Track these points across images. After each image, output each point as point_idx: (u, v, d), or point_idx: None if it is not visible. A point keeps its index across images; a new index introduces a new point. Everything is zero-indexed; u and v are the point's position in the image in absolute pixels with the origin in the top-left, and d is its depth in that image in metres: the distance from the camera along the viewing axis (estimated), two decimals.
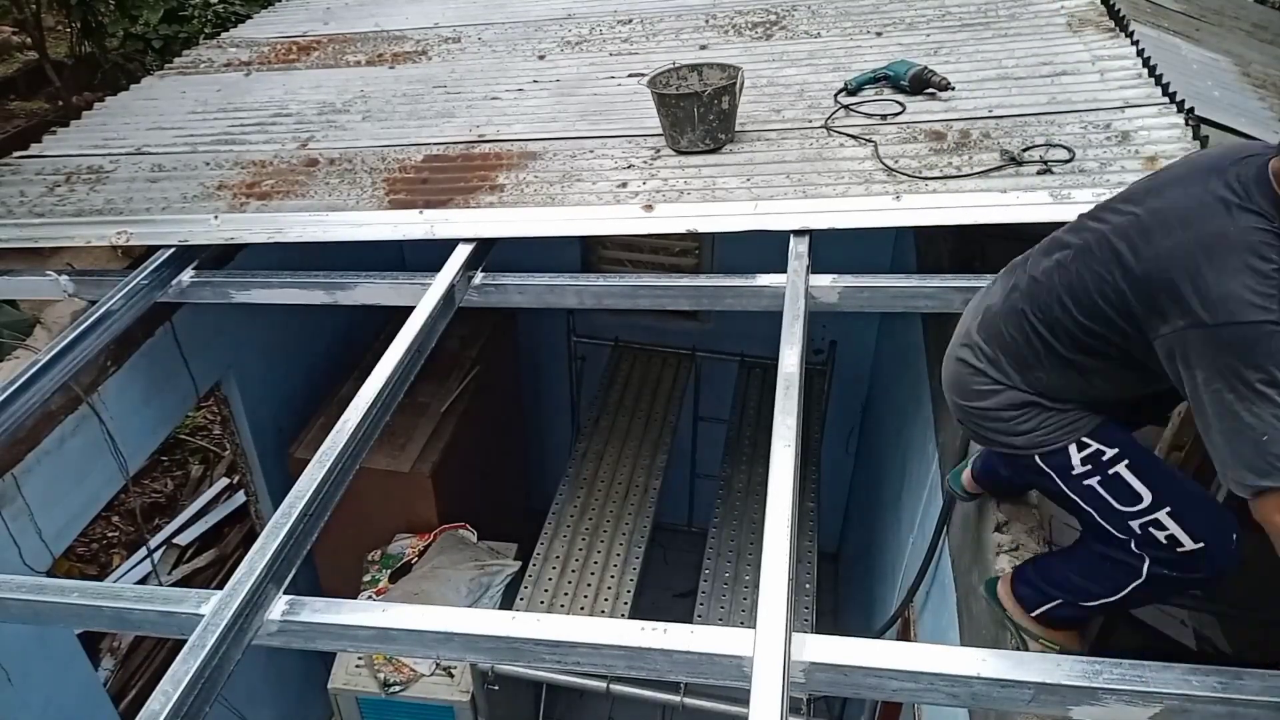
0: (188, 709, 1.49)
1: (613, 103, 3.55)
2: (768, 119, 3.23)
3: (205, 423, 6.84)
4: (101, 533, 5.94)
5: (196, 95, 4.12)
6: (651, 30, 4.22)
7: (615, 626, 1.59)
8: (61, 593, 1.78)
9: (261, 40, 4.76)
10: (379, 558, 4.49)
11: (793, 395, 1.94)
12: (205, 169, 3.42)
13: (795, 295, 2.32)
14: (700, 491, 6.48)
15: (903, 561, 3.77)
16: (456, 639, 1.64)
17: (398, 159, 3.33)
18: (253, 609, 1.66)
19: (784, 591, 1.54)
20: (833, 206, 2.68)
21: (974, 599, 2.32)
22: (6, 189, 3.43)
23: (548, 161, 3.18)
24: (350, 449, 1.98)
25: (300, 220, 3.01)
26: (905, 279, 2.58)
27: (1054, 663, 1.47)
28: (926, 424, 3.41)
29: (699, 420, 6.27)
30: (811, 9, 4.15)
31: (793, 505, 1.68)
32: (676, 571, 6.05)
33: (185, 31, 8.05)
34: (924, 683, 1.48)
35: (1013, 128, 2.91)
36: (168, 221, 3.10)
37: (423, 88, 3.93)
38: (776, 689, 1.40)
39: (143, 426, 3.51)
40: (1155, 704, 1.41)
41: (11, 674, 2.95)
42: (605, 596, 4.23)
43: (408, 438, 4.53)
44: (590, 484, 4.91)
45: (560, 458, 5.79)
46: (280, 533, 1.75)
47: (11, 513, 2.91)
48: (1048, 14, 3.67)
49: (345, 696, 4.06)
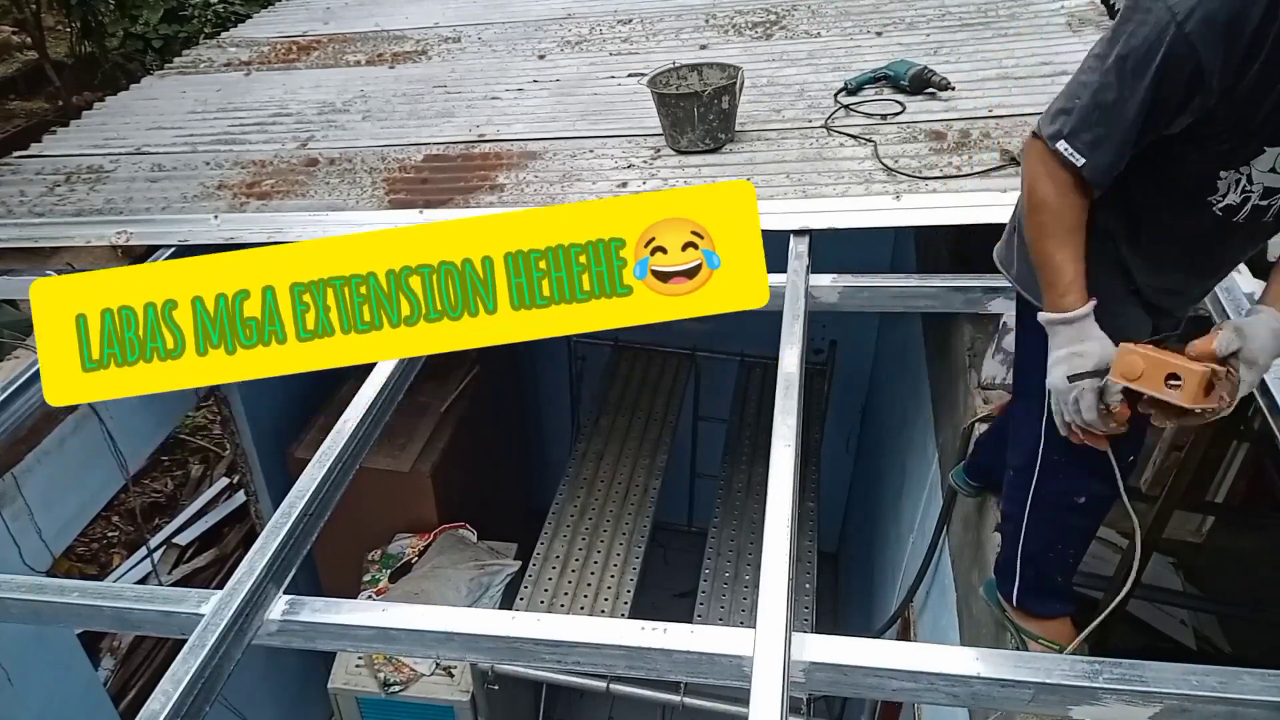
0: (188, 709, 1.49)
1: (613, 102, 3.55)
2: (768, 119, 3.23)
3: (205, 423, 6.84)
4: (101, 533, 5.94)
5: (196, 95, 4.13)
6: (651, 30, 4.22)
7: (615, 626, 1.59)
8: (61, 592, 1.78)
9: (261, 40, 4.76)
10: (379, 558, 4.49)
11: (793, 395, 1.94)
12: (205, 169, 3.42)
13: (795, 295, 2.32)
14: (700, 491, 6.48)
15: (903, 561, 3.77)
16: (456, 639, 1.63)
17: (398, 159, 3.33)
18: (253, 609, 1.66)
19: (784, 591, 1.54)
20: (833, 206, 2.68)
21: (974, 599, 2.32)
22: (6, 189, 3.43)
23: (548, 161, 3.18)
24: (350, 449, 1.98)
25: (300, 220, 3.01)
26: (905, 279, 2.58)
27: (1054, 663, 1.47)
28: (926, 424, 3.41)
29: (699, 420, 6.27)
30: (811, 9, 4.15)
31: (793, 505, 1.68)
32: (676, 571, 6.04)
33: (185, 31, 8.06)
34: (924, 683, 1.48)
35: (1013, 128, 2.91)
36: (168, 221, 3.10)
37: (423, 87, 3.93)
38: (776, 689, 1.40)
39: (143, 426, 3.51)
40: (1155, 704, 1.41)
41: (11, 674, 2.95)
42: (605, 596, 4.23)
43: (408, 438, 4.53)
44: (590, 484, 4.91)
45: (560, 458, 5.79)
46: (280, 533, 1.75)
47: (11, 513, 2.91)
48: (1048, 14, 3.67)
49: (345, 696, 4.06)
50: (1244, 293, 2.14)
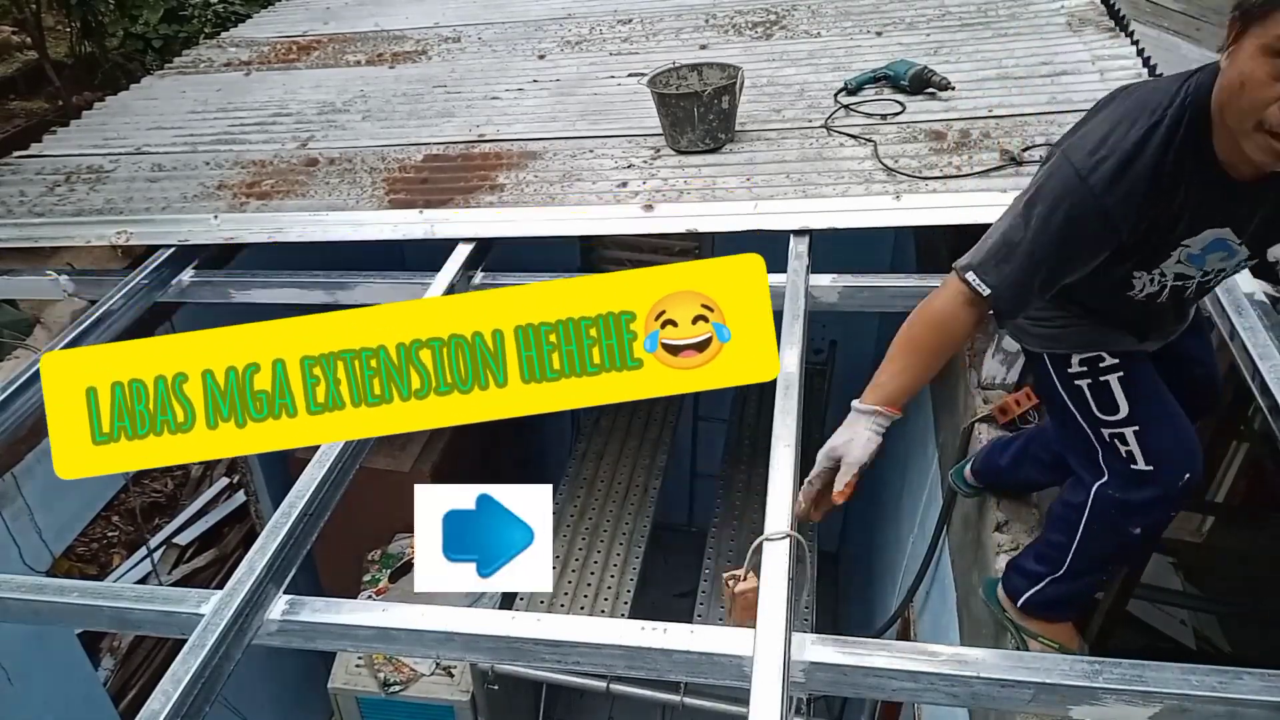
0: (188, 709, 1.49)
1: (613, 102, 3.55)
2: (768, 119, 3.23)
3: None
4: (101, 533, 5.94)
5: (196, 95, 4.12)
6: (651, 30, 4.22)
7: (615, 626, 1.59)
8: (61, 592, 1.78)
9: (261, 40, 4.76)
10: (379, 558, 4.49)
11: (793, 395, 1.94)
12: (205, 169, 3.42)
13: (795, 295, 2.32)
14: (700, 491, 6.48)
15: (903, 561, 3.77)
16: (456, 639, 1.63)
17: (398, 158, 3.33)
18: (253, 609, 1.66)
19: (784, 591, 1.54)
20: (833, 206, 2.68)
21: (974, 599, 2.32)
22: (6, 189, 3.43)
23: (548, 161, 3.18)
24: (350, 449, 1.98)
25: (300, 220, 3.01)
26: (905, 279, 2.58)
27: (1054, 663, 1.47)
28: (926, 424, 3.41)
29: (699, 420, 6.27)
30: (811, 9, 4.15)
31: (793, 505, 1.69)
32: (676, 571, 6.05)
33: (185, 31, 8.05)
34: (924, 683, 1.48)
35: (1013, 127, 2.91)
36: (168, 221, 3.10)
37: (423, 87, 3.93)
38: (776, 689, 1.40)
39: None
40: (1155, 704, 1.41)
41: (11, 674, 2.95)
42: (605, 596, 4.23)
43: (408, 438, 4.52)
44: (590, 484, 4.91)
45: (560, 458, 5.79)
46: (280, 533, 1.75)
47: (11, 513, 2.92)
48: (1048, 14, 3.67)
49: (345, 696, 4.07)
50: (1244, 293, 2.14)
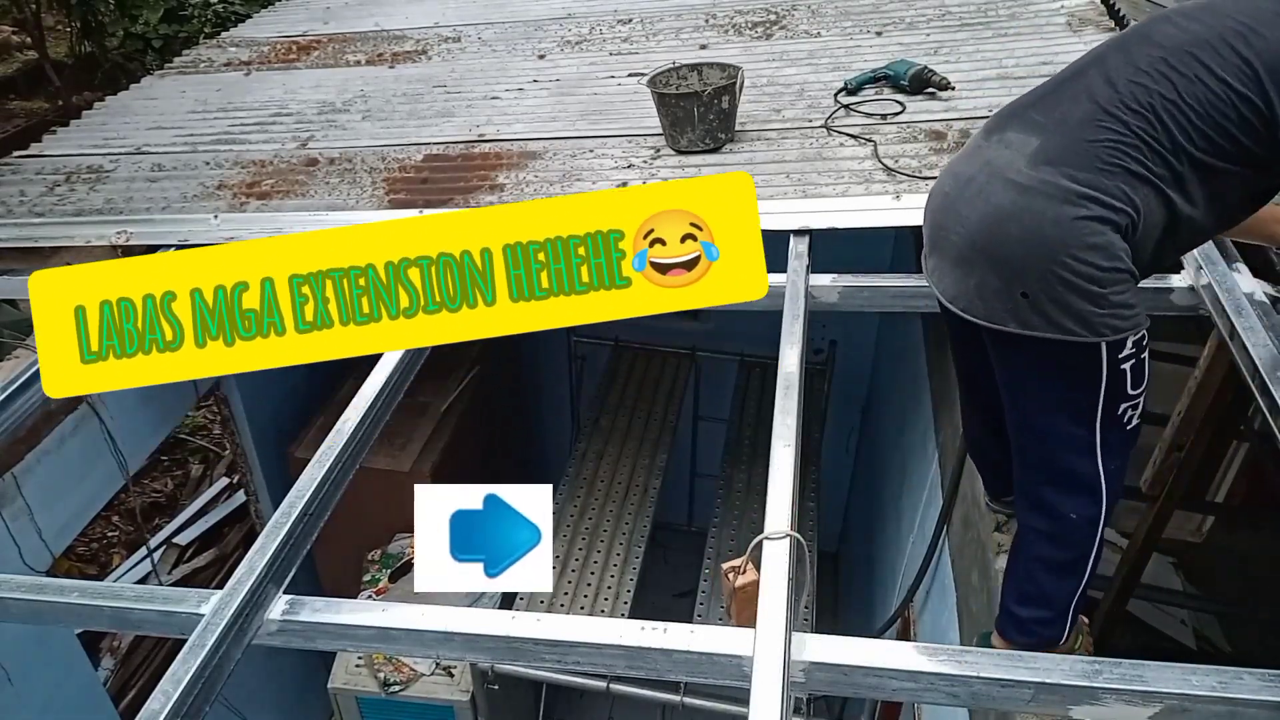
0: (188, 709, 1.49)
1: (613, 102, 3.55)
2: (768, 119, 3.23)
3: (205, 423, 6.84)
4: (101, 532, 5.94)
5: (196, 95, 4.12)
6: (651, 30, 4.22)
7: (615, 626, 1.59)
8: (61, 592, 1.77)
9: (261, 40, 4.76)
10: (379, 558, 4.49)
11: (793, 395, 1.93)
12: (205, 169, 3.42)
13: (795, 295, 2.32)
14: (700, 491, 6.48)
15: (903, 561, 3.77)
16: (456, 639, 1.63)
17: (398, 158, 3.33)
18: (253, 609, 1.66)
19: (784, 591, 1.54)
20: (833, 206, 2.68)
21: (974, 599, 2.32)
22: (6, 189, 3.43)
23: (548, 161, 3.18)
24: (350, 449, 1.98)
25: (300, 220, 3.01)
26: (905, 279, 2.58)
27: (1054, 663, 1.47)
28: (926, 424, 3.41)
29: (699, 420, 6.27)
30: (811, 8, 4.15)
31: (793, 505, 1.68)
32: (676, 571, 6.05)
33: (185, 31, 8.06)
34: (924, 683, 1.48)
35: None
36: (168, 221, 3.10)
37: (423, 87, 3.93)
38: (776, 689, 1.40)
39: (143, 426, 3.51)
40: (1155, 704, 1.40)
41: (11, 674, 2.95)
42: (605, 596, 4.23)
43: (408, 438, 4.53)
44: (590, 484, 4.91)
45: (560, 458, 5.79)
46: (280, 533, 1.75)
47: (11, 513, 2.91)
48: (1048, 14, 3.67)
49: (345, 696, 4.07)
50: (1244, 292, 2.13)
